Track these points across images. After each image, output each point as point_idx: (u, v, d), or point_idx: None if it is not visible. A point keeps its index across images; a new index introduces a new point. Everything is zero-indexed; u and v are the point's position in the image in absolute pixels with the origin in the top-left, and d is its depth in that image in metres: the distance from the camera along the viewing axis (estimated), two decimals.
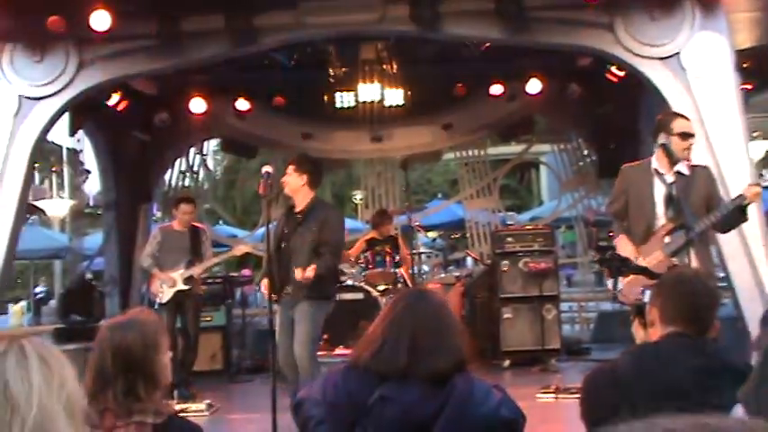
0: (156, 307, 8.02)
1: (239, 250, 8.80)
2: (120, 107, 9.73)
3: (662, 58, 7.06)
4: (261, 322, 10.88)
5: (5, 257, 7.00)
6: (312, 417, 2.59)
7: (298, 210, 6.19)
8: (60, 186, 30.15)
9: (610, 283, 5.19)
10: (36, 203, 22.10)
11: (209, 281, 9.81)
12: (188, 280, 8.09)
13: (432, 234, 16.67)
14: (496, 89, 10.54)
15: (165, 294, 8.01)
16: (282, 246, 6.12)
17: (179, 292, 8.03)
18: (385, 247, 9.12)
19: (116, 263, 10.56)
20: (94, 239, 14.27)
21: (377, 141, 11.29)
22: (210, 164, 27.26)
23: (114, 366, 2.64)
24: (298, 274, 5.85)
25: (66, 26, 7.11)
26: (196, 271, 8.13)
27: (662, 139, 4.95)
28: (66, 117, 8.57)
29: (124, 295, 10.43)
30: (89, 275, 11.78)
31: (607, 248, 5.45)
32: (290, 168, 6.16)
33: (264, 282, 5.99)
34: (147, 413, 2.59)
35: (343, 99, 10.76)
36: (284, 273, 6.06)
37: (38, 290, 23.90)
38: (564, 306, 10.85)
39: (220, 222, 19.08)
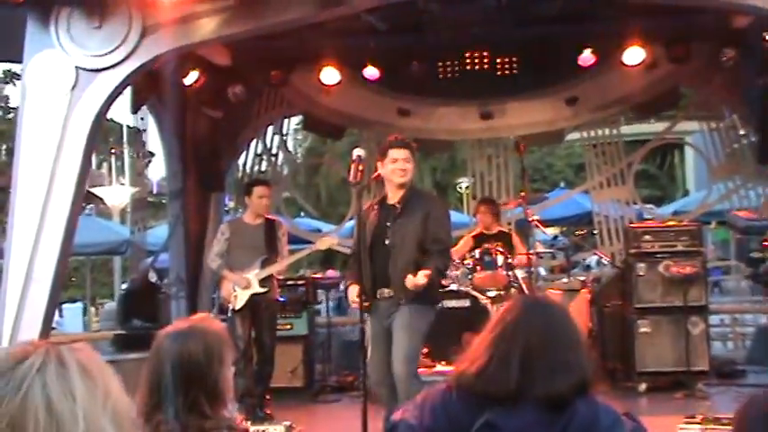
0: (229, 314, 8.17)
1: (324, 243, 8.67)
2: (190, 80, 9.98)
3: None
4: (349, 332, 11.01)
5: (61, 253, 7.26)
6: None
7: (394, 200, 6.25)
8: (120, 171, 31.06)
9: None
10: (93, 191, 22.82)
11: (290, 283, 9.99)
12: (264, 281, 8.22)
13: (552, 230, 16.50)
14: (633, 55, 10.35)
15: (239, 299, 8.15)
16: (386, 243, 6.17)
17: (255, 295, 8.18)
18: (496, 245, 9.12)
19: (183, 260, 10.84)
20: (159, 233, 14.67)
21: (487, 118, 11.26)
22: (291, 145, 27.67)
23: (173, 379, 2.72)
24: (409, 281, 5.91)
25: None
26: (274, 270, 8.27)
27: None
28: (127, 92, 8.83)
29: (192, 297, 10.70)
30: (152, 274, 12.11)
31: (761, 261, 5.32)
32: (407, 153, 6.24)
33: (353, 289, 6.04)
34: (220, 430, 2.67)
35: (447, 68, 10.77)
36: (380, 273, 6.13)
37: (125, 287, 24.60)
38: (714, 319, 10.63)
39: (302, 215, 19.36)
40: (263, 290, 8.19)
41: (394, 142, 6.35)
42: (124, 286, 23.97)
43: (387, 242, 6.14)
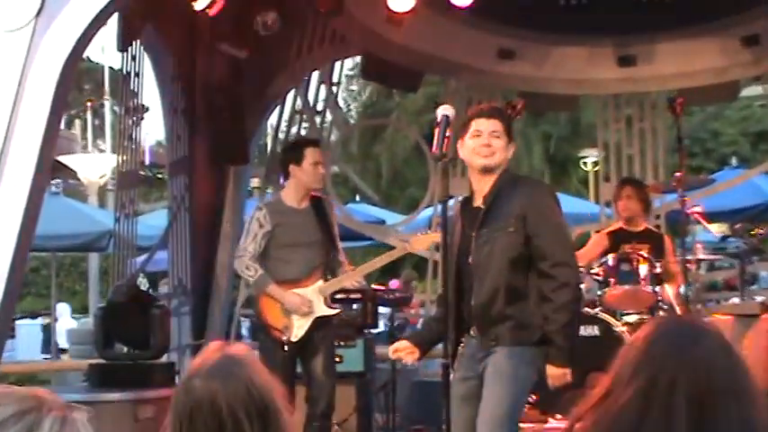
0: (284, 350, 7.80)
1: (422, 242, 8.16)
2: (202, 5, 10.04)
3: None
4: (423, 369, 11.02)
5: (17, 246, 7.32)
6: None
7: (479, 200, 6.13)
8: (99, 132, 31.37)
9: None
10: (62, 159, 23.07)
11: (339, 297, 10.00)
12: (334, 299, 8.07)
13: (719, 227, 16.35)
14: None
15: (297, 327, 7.83)
16: (470, 262, 6.10)
17: (319, 320, 7.91)
18: (640, 248, 9.05)
19: (188, 261, 10.93)
20: (154, 221, 14.81)
21: (627, 64, 11.21)
22: (343, 101, 27.59)
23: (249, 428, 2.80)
24: (553, 375, 5.88)
25: None
26: (348, 281, 8.10)
27: None
28: (113, 21, 8.90)
29: (200, 314, 10.78)
30: (144, 281, 12.22)
31: None
32: (498, 125, 6.11)
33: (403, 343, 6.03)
34: None
35: None
36: (468, 304, 6.09)
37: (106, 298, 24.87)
38: None
39: (357, 199, 19.40)
40: (332, 312, 7.97)
41: (481, 110, 6.26)
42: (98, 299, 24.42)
43: (470, 260, 6.08)
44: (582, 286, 8.98)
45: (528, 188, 6.19)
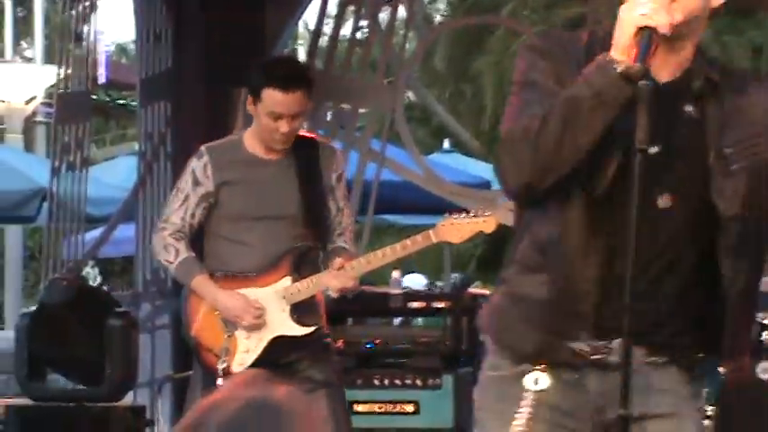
0: (218, 381, 7.78)
1: (438, 234, 7.86)
2: None
3: None
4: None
5: None
6: None
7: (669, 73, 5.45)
8: (24, 31, 31.66)
9: None
10: None
11: (415, 306, 9.98)
12: (306, 309, 7.93)
13: None
14: None
15: (241, 350, 7.82)
16: (658, 202, 5.31)
17: (279, 340, 7.90)
18: None
19: None
20: (112, 176, 14.91)
21: None
22: None
23: None
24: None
25: None
26: (334, 282, 7.80)
27: None
28: None
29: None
30: (94, 271, 12.25)
31: None
32: None
33: None
34: None
35: None
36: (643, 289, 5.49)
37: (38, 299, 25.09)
38: None
39: (445, 145, 19.41)
40: (302, 331, 7.87)
41: None
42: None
43: (660, 201, 5.25)
44: None
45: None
